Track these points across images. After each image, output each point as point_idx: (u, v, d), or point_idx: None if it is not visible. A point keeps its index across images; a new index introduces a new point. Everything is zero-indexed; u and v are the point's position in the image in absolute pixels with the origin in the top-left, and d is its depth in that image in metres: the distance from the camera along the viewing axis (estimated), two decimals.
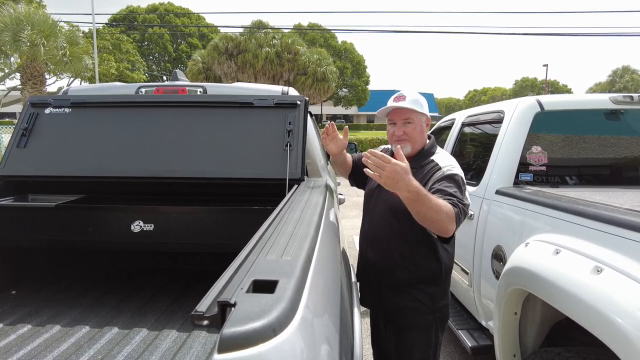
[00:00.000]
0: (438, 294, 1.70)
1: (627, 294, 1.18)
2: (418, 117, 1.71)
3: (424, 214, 1.39)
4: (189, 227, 1.93)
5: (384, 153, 1.81)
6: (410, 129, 1.70)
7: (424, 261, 1.68)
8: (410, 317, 1.70)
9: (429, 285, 1.69)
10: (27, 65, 13.49)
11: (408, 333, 1.72)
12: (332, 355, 0.64)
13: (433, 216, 1.39)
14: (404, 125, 1.71)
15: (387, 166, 1.34)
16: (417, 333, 1.71)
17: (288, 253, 0.78)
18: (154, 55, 41.26)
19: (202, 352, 1.55)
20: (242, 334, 0.48)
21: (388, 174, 1.34)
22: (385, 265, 1.73)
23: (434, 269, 1.68)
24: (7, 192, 2.17)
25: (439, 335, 1.74)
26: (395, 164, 1.34)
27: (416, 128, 1.71)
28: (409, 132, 1.71)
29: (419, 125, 1.72)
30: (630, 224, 1.31)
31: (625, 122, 2.36)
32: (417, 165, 1.68)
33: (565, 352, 1.48)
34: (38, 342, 1.60)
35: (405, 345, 1.73)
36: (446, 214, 1.39)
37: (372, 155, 1.39)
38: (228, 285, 0.64)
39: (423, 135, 1.75)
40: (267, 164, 1.98)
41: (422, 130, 1.73)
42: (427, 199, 1.37)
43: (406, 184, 1.35)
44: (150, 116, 2.19)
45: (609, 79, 41.09)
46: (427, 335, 1.71)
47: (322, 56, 26.53)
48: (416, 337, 1.71)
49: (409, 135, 1.71)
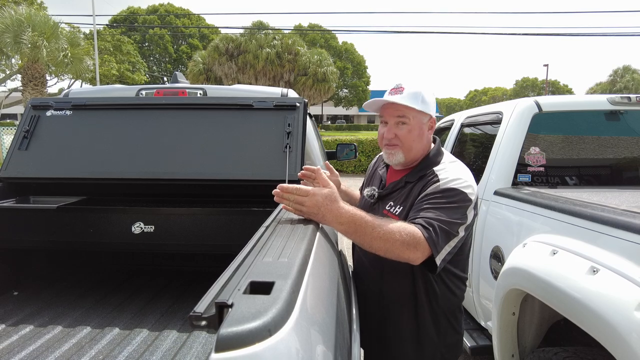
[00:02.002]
0: (449, 331, 1.41)
1: (622, 295, 1.19)
2: (416, 117, 1.33)
3: (370, 244, 1.13)
4: (189, 229, 1.95)
5: (379, 163, 1.61)
6: (405, 132, 1.34)
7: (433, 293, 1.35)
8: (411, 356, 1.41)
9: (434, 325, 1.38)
10: (28, 66, 13.55)
11: None
12: (328, 355, 0.65)
13: (381, 246, 1.12)
14: (397, 127, 1.35)
15: (306, 200, 1.10)
16: None
17: (285, 255, 0.79)
18: (155, 56, 41.36)
19: (202, 352, 1.57)
20: (239, 334, 0.49)
21: (309, 208, 1.10)
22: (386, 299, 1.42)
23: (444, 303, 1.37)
24: (9, 193, 2.19)
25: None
26: (315, 195, 1.10)
27: (412, 131, 1.34)
28: (401, 136, 1.35)
29: (417, 127, 1.34)
30: (626, 224, 1.32)
31: (623, 123, 2.37)
32: (413, 179, 1.36)
33: (563, 352, 1.49)
34: (40, 343, 1.62)
35: None
36: (402, 242, 1.10)
37: (283, 192, 1.13)
38: (226, 286, 0.66)
39: (422, 140, 1.37)
40: (267, 165, 2.00)
41: (420, 134, 1.35)
42: (369, 227, 1.11)
43: (334, 215, 1.10)
44: (151, 118, 2.21)
45: (610, 79, 41.04)
46: None
47: (323, 57, 26.58)
48: None
49: (401, 140, 1.35)
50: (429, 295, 1.34)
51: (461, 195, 1.24)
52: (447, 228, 1.17)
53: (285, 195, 1.13)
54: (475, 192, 1.30)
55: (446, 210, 1.20)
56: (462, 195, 1.24)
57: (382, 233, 1.11)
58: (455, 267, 1.35)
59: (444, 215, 1.19)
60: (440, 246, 1.16)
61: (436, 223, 1.16)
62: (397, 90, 1.33)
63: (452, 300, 1.38)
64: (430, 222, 1.16)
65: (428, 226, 1.15)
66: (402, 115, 1.33)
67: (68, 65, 14.26)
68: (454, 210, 1.21)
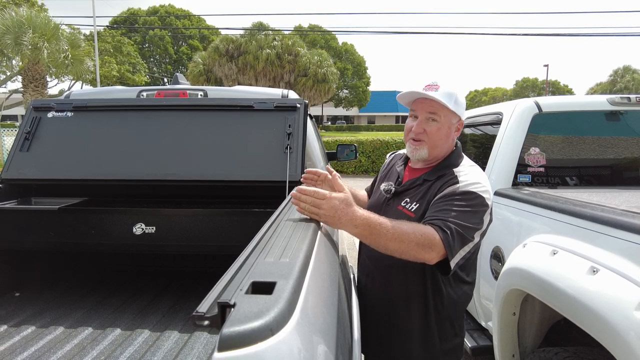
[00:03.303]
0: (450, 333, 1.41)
1: (622, 294, 1.20)
2: (447, 116, 1.35)
3: (385, 246, 1.15)
4: (190, 230, 1.95)
5: (396, 160, 1.61)
6: (434, 129, 1.35)
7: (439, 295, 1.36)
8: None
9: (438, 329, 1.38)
10: (28, 68, 13.57)
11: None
12: (329, 354, 0.66)
13: (397, 247, 1.14)
14: (427, 122, 1.35)
15: (323, 203, 1.11)
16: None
17: (286, 255, 0.80)
18: (155, 57, 41.42)
19: (203, 352, 1.57)
20: (241, 334, 0.50)
21: (326, 211, 1.11)
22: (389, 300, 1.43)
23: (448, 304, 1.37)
24: (11, 195, 2.20)
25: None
26: (332, 199, 1.11)
27: (441, 129, 1.35)
28: (430, 132, 1.35)
29: (446, 126, 1.36)
30: (625, 225, 1.33)
31: (623, 123, 2.37)
32: (431, 178, 1.37)
33: (563, 352, 1.49)
34: (42, 344, 1.62)
35: None
36: (417, 243, 1.12)
37: (301, 194, 1.13)
38: (228, 286, 0.66)
39: (448, 140, 1.39)
40: (267, 166, 2.00)
41: (448, 133, 1.37)
42: (383, 229, 1.13)
43: (350, 218, 1.12)
44: (152, 120, 2.22)
45: (610, 79, 41.02)
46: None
47: (323, 57, 26.61)
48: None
49: (429, 136, 1.35)
50: (436, 297, 1.35)
51: (479, 199, 1.24)
52: (463, 232, 1.18)
53: (302, 197, 1.13)
54: (492, 198, 1.30)
55: (465, 213, 1.21)
56: (481, 200, 1.25)
57: (398, 235, 1.13)
58: (462, 271, 1.36)
59: (462, 218, 1.19)
60: (456, 250, 1.17)
61: (454, 226, 1.17)
62: (432, 87, 1.33)
63: (457, 305, 1.39)
64: (448, 225, 1.17)
65: (445, 229, 1.16)
66: (434, 112, 1.34)
67: (69, 67, 14.30)
68: (471, 214, 1.22)
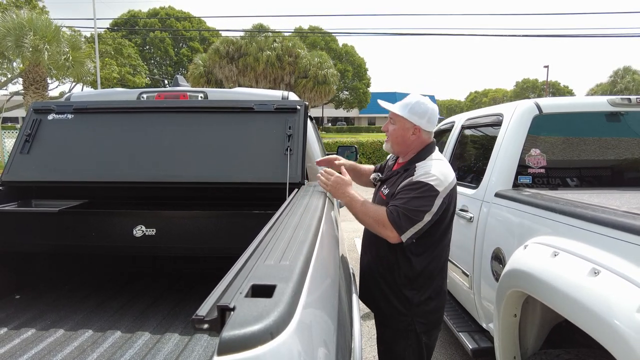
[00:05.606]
0: (415, 297, 1.69)
1: (623, 296, 1.19)
2: (400, 121, 1.74)
3: (358, 218, 1.67)
4: (191, 232, 1.95)
5: (391, 156, 2.04)
6: (392, 129, 1.79)
7: (397, 265, 1.70)
8: (388, 318, 1.75)
9: (405, 288, 1.70)
10: (29, 70, 13.59)
11: (387, 333, 1.78)
12: (330, 357, 0.65)
13: (364, 220, 1.64)
14: (389, 124, 1.81)
15: (332, 178, 1.75)
16: (394, 333, 1.74)
17: (286, 258, 0.79)
18: (156, 59, 41.44)
19: (203, 355, 1.57)
20: (241, 337, 0.50)
21: (332, 183, 1.73)
22: (370, 267, 1.83)
23: (406, 272, 1.69)
24: (11, 197, 2.20)
25: (422, 339, 1.71)
26: (338, 177, 1.74)
27: (397, 130, 1.75)
28: (389, 132, 1.80)
29: (400, 129, 1.74)
30: (626, 226, 1.32)
31: (623, 124, 2.37)
32: (403, 170, 1.74)
33: (565, 354, 1.48)
34: (42, 346, 1.62)
35: (386, 346, 1.79)
36: (375, 220, 1.59)
37: (325, 173, 1.80)
38: (227, 290, 0.66)
39: (405, 140, 1.75)
40: (268, 168, 2.00)
41: (403, 134, 1.74)
42: (356, 205, 1.66)
43: (341, 192, 1.71)
44: (152, 122, 2.22)
45: (610, 80, 41.01)
46: (404, 336, 1.71)
47: (323, 59, 26.62)
48: (393, 338, 1.75)
49: (390, 135, 1.81)
50: (406, 264, 1.69)
51: (427, 186, 1.57)
52: (408, 214, 1.54)
53: (323, 174, 1.77)
54: (446, 185, 1.59)
55: (413, 199, 1.56)
56: (428, 187, 1.57)
57: (364, 211, 1.64)
58: (423, 244, 1.67)
59: (410, 204, 1.55)
60: (405, 227, 1.54)
61: (401, 209, 1.54)
62: (402, 100, 1.77)
63: (425, 271, 1.70)
64: (396, 208, 1.56)
65: (393, 211, 1.56)
66: (392, 117, 1.80)
67: (69, 69, 14.31)
68: (418, 199, 1.56)
